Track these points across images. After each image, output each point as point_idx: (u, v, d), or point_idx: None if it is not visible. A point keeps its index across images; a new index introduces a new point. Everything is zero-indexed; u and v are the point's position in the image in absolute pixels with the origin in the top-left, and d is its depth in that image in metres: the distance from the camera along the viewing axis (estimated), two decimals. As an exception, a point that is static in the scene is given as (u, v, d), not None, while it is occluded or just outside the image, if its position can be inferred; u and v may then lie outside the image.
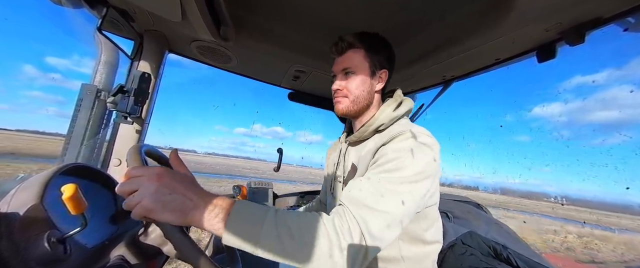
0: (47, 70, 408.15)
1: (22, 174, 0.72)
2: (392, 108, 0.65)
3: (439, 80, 1.16)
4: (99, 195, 0.62)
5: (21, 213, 0.39)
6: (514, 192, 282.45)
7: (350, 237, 0.43)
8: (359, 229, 0.43)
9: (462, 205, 1.21)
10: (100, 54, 0.90)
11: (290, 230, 0.42)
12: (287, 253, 0.40)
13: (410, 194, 0.48)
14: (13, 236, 0.36)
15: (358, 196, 0.48)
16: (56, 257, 0.39)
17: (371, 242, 0.43)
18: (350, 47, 0.67)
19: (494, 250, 0.81)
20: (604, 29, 0.68)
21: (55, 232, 0.40)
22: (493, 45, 0.82)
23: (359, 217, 0.44)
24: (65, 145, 0.85)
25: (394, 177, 0.49)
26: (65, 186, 0.37)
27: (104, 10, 0.76)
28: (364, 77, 0.66)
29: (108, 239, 0.54)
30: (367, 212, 0.45)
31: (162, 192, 0.39)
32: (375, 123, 0.64)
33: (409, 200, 0.48)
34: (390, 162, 0.52)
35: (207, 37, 0.83)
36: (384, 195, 0.47)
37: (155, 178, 0.40)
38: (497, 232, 0.91)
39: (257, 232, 0.41)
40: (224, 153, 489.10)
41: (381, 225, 0.44)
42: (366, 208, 0.45)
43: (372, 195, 0.47)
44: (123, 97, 0.86)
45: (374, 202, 0.46)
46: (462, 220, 1.05)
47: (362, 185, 0.50)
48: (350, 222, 0.44)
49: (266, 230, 0.41)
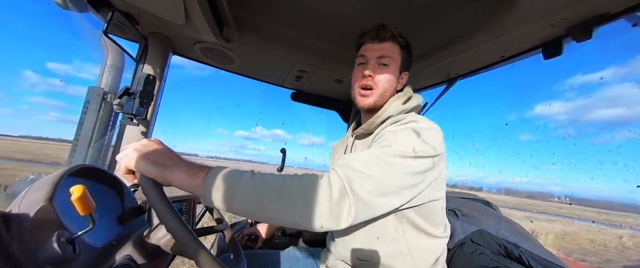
0: (50, 74, 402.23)
1: (32, 176, 0.75)
2: (401, 101, 0.64)
3: (443, 78, 1.15)
4: (106, 196, 0.62)
5: (31, 214, 0.40)
6: (519, 192, 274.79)
7: (330, 189, 0.43)
8: (341, 184, 0.43)
9: (471, 202, 1.19)
10: (106, 56, 0.91)
11: (266, 183, 0.42)
12: (263, 204, 0.41)
13: (402, 167, 0.48)
14: (24, 237, 0.37)
15: (348, 161, 0.48)
16: (66, 257, 0.39)
17: (354, 199, 0.43)
18: (392, 39, 0.65)
19: (505, 249, 0.80)
20: (612, 24, 0.66)
21: (64, 232, 0.41)
22: (498, 42, 0.80)
23: (343, 175, 0.45)
24: (73, 146, 0.86)
25: (388, 150, 0.49)
26: (74, 187, 0.38)
27: (110, 13, 0.77)
28: (395, 72, 0.66)
29: (115, 239, 0.55)
30: (351, 172, 0.45)
31: (148, 147, 0.44)
32: (384, 115, 0.63)
33: (400, 171, 0.48)
34: (387, 140, 0.52)
35: (210, 39, 0.84)
36: (373, 164, 0.47)
37: (147, 140, 0.45)
38: (507, 230, 0.89)
39: (234, 185, 0.41)
40: (227, 157, 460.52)
41: (367, 186, 0.44)
42: (351, 169, 0.45)
43: (361, 161, 0.47)
44: (129, 99, 0.87)
45: (362, 166, 0.46)
46: (471, 218, 1.03)
47: (356, 155, 0.50)
48: (332, 178, 0.44)
49: (243, 185, 0.42)
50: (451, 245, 0.88)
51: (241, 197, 0.41)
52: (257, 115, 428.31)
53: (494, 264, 0.75)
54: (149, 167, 0.41)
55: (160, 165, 0.42)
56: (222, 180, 0.42)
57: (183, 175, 0.42)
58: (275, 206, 0.42)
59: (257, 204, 0.42)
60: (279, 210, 0.42)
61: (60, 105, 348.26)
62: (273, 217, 0.42)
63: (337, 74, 1.23)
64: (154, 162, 0.42)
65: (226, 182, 0.42)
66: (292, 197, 0.42)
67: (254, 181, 0.43)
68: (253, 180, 0.43)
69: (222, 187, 0.41)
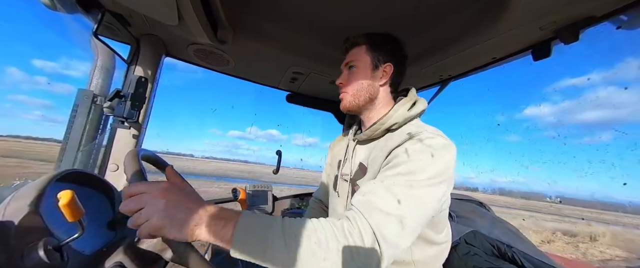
0: (40, 75, 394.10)
1: (17, 181, 0.72)
2: (406, 107, 0.63)
3: (436, 80, 1.17)
4: (97, 201, 0.61)
5: (16, 222, 0.38)
6: (513, 192, 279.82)
7: (362, 241, 0.41)
8: (372, 234, 0.42)
9: (465, 204, 1.21)
10: (96, 58, 0.89)
11: (296, 237, 0.41)
12: (295, 261, 0.39)
13: (426, 198, 0.47)
14: (8, 244, 0.36)
15: (371, 200, 0.46)
16: (53, 264, 0.38)
17: (386, 247, 0.41)
18: (354, 45, 0.69)
19: (498, 250, 0.81)
20: (598, 27, 0.69)
21: (51, 239, 0.40)
22: (489, 44, 0.82)
23: (372, 222, 0.43)
24: (62, 151, 0.84)
25: (410, 180, 0.47)
26: (61, 193, 0.37)
27: (100, 14, 0.75)
28: (365, 71, 0.67)
29: (106, 246, 0.54)
30: (380, 216, 0.43)
31: (169, 209, 0.39)
32: (388, 122, 0.62)
33: (424, 204, 0.46)
34: (405, 164, 0.49)
35: (204, 40, 0.83)
36: (399, 200, 0.45)
37: (161, 195, 0.39)
38: (501, 231, 0.91)
39: (264, 241, 0.40)
40: (223, 157, 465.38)
41: (396, 229, 0.43)
42: (379, 213, 0.44)
43: (386, 198, 0.45)
44: (120, 102, 0.85)
45: (388, 206, 0.44)
46: (465, 219, 1.04)
47: (375, 187, 0.48)
48: (362, 226, 0.42)
49: (273, 239, 0.40)
50: None
51: (272, 256, 0.39)
52: (251, 115, 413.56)
53: (487, 265, 0.76)
54: (176, 232, 0.38)
55: (188, 227, 0.39)
56: (251, 234, 0.40)
57: (212, 233, 0.39)
58: (308, 263, 0.39)
59: (291, 261, 0.39)
60: (312, 266, 0.39)
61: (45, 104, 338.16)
62: None
63: (332, 76, 1.23)
64: (180, 227, 0.38)
65: (255, 237, 0.40)
66: (326, 257, 0.39)
67: (284, 236, 0.40)
68: (283, 235, 0.40)
69: (252, 244, 0.39)
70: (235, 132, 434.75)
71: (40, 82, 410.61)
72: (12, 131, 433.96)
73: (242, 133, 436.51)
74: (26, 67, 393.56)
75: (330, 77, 1.25)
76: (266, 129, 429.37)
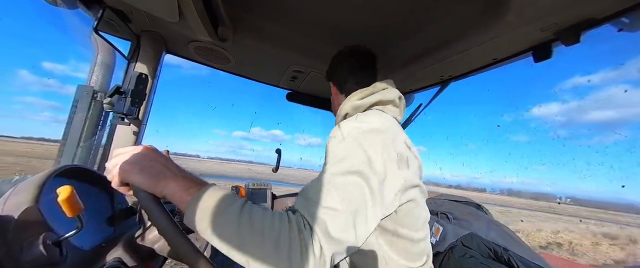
0: (42, 73, 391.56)
1: (17, 176, 0.72)
2: (356, 97, 0.63)
3: (436, 80, 1.16)
4: (96, 197, 0.61)
5: (16, 216, 0.38)
6: (522, 193, 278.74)
7: (298, 233, 0.39)
8: (309, 229, 0.40)
9: (462, 206, 1.21)
10: (96, 54, 0.89)
11: (252, 220, 0.39)
12: (241, 243, 0.37)
13: (358, 186, 0.44)
14: (7, 239, 0.36)
15: (306, 191, 0.45)
16: (52, 259, 0.38)
17: (327, 242, 0.39)
18: None
19: (495, 252, 0.81)
20: (599, 29, 0.68)
21: (51, 234, 0.40)
22: (490, 45, 0.82)
23: (308, 215, 0.41)
24: (61, 146, 0.84)
25: (338, 168, 0.45)
26: (61, 188, 0.37)
27: (100, 10, 0.75)
28: (335, 97, 0.79)
29: (105, 241, 0.54)
30: (315, 209, 0.42)
31: (142, 158, 0.41)
32: (340, 114, 0.66)
33: (359, 192, 0.44)
34: (332, 154, 0.48)
35: (204, 38, 0.83)
36: (330, 191, 0.43)
37: (140, 149, 0.42)
38: (497, 234, 0.91)
39: (219, 214, 0.38)
40: (229, 158, 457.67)
41: (335, 225, 0.40)
42: (314, 205, 0.42)
43: (319, 191, 0.43)
44: (120, 98, 0.85)
45: (320, 197, 0.42)
46: (462, 221, 1.05)
47: (313, 182, 0.47)
48: (298, 219, 0.41)
49: (228, 214, 0.38)
50: (442, 248, 0.89)
51: (221, 230, 0.38)
52: (253, 115, 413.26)
53: (483, 267, 0.76)
54: (143, 178, 0.40)
55: (155, 176, 0.40)
56: (209, 205, 0.39)
57: (176, 189, 0.40)
58: (253, 250, 0.37)
59: (236, 241, 0.38)
60: (255, 254, 0.37)
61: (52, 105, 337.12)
62: (248, 258, 0.37)
63: None
64: (148, 174, 0.40)
65: (212, 208, 0.39)
66: (275, 243, 0.37)
67: (241, 214, 0.39)
68: (239, 214, 0.39)
69: (206, 213, 0.38)
70: (239, 133, 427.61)
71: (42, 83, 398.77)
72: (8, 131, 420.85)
73: (246, 133, 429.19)
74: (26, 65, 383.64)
75: (331, 76, 1.25)
76: (270, 129, 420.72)
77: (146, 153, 0.43)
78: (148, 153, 0.43)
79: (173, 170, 0.42)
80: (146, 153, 0.43)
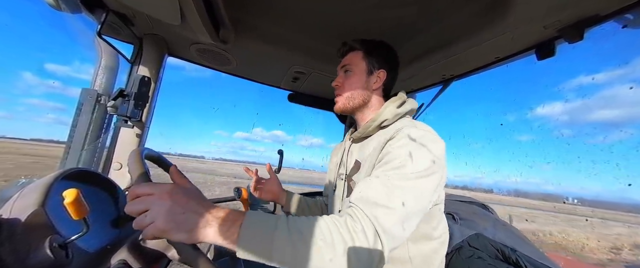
0: (46, 75, 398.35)
1: (23, 179, 0.73)
2: (395, 105, 0.66)
3: (438, 79, 1.16)
4: (101, 199, 0.62)
5: (23, 219, 0.39)
6: (529, 193, 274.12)
7: (365, 236, 0.42)
8: (373, 228, 0.43)
9: (468, 206, 1.20)
10: (100, 58, 0.90)
11: (302, 235, 0.41)
12: (302, 259, 0.40)
13: (419, 190, 0.48)
14: (15, 242, 0.36)
15: (368, 195, 0.47)
16: (58, 262, 0.39)
17: (386, 239, 0.43)
18: (351, 50, 0.73)
19: (502, 253, 0.80)
20: (603, 26, 0.68)
21: (56, 237, 0.40)
22: (492, 43, 0.81)
23: (371, 216, 0.44)
24: (66, 149, 0.85)
25: (402, 173, 0.49)
26: (66, 191, 0.37)
27: (104, 14, 0.76)
28: (360, 75, 0.71)
29: (110, 244, 0.54)
30: (377, 209, 0.45)
31: (175, 211, 0.38)
32: (379, 118, 0.65)
33: (418, 195, 0.48)
34: (397, 159, 0.52)
35: (206, 40, 0.83)
36: (395, 193, 0.47)
37: (167, 197, 0.39)
38: (504, 234, 0.90)
39: (270, 241, 0.40)
40: (231, 159, 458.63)
41: (394, 221, 0.44)
42: (376, 206, 0.45)
43: (382, 193, 0.47)
44: (123, 101, 0.86)
45: (385, 199, 0.46)
46: (468, 221, 1.03)
47: (371, 183, 0.50)
48: (363, 221, 0.44)
49: (278, 238, 0.40)
50: (449, 249, 0.88)
51: (278, 253, 0.39)
52: (255, 116, 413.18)
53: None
54: (183, 235, 0.38)
55: (193, 230, 0.39)
56: (256, 235, 0.40)
57: (217, 235, 0.39)
58: (315, 260, 0.40)
59: (297, 259, 0.40)
60: (319, 264, 0.40)
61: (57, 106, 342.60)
62: None
63: (333, 75, 1.23)
64: (186, 229, 0.38)
65: (261, 237, 0.40)
66: (331, 250, 0.40)
67: (290, 233, 0.41)
68: (289, 231, 0.41)
69: (258, 244, 0.40)
70: (240, 133, 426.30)
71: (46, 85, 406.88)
72: None
73: (248, 134, 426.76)
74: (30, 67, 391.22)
75: (332, 77, 1.25)
76: (271, 130, 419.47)
77: (175, 203, 0.39)
78: (177, 202, 0.39)
79: (206, 215, 0.40)
80: (175, 203, 0.39)
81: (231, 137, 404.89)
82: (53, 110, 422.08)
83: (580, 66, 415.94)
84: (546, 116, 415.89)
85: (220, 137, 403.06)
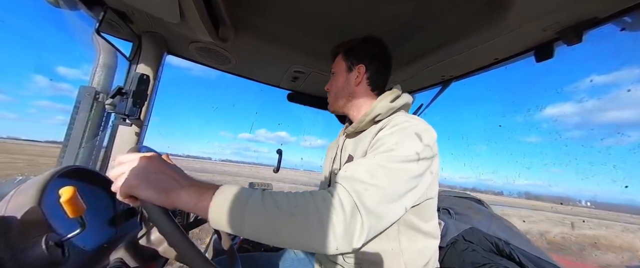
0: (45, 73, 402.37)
1: (19, 177, 0.72)
2: (388, 99, 0.67)
3: (438, 80, 1.16)
4: (98, 197, 0.61)
5: (18, 217, 0.38)
6: (541, 196, 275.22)
7: (342, 209, 0.41)
8: (351, 202, 0.42)
9: (463, 201, 1.21)
10: (98, 55, 0.89)
11: (276, 205, 0.40)
12: (275, 227, 0.39)
13: (406, 171, 0.48)
14: (10, 239, 0.36)
15: (352, 173, 0.47)
16: (54, 260, 0.38)
17: (367, 216, 0.41)
18: (335, 55, 0.78)
19: (496, 246, 0.81)
20: (602, 28, 0.68)
21: (53, 235, 0.40)
22: (491, 45, 0.82)
23: (351, 190, 0.43)
24: (64, 147, 0.84)
25: (389, 155, 0.49)
26: (63, 189, 0.37)
27: (102, 12, 0.75)
28: (341, 75, 0.75)
29: (107, 242, 0.54)
30: (359, 185, 0.44)
31: (148, 170, 0.40)
32: (373, 113, 0.65)
33: (406, 179, 0.48)
34: (385, 144, 0.52)
35: (205, 38, 0.83)
36: (378, 171, 0.46)
37: (144, 160, 0.41)
38: (498, 227, 0.91)
39: (242, 210, 0.39)
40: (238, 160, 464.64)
41: (376, 198, 0.43)
42: (359, 182, 0.44)
43: (366, 171, 0.46)
44: (121, 99, 0.85)
45: (368, 177, 0.45)
46: (463, 216, 1.05)
47: (357, 163, 0.50)
48: (342, 195, 0.43)
49: (251, 207, 0.39)
50: (444, 243, 0.89)
51: (250, 220, 0.39)
52: (257, 117, 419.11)
53: (485, 261, 0.76)
54: (152, 193, 0.39)
55: (164, 190, 0.39)
56: (230, 201, 0.39)
57: (189, 198, 0.40)
58: (288, 229, 0.39)
59: (268, 227, 0.39)
60: (292, 233, 0.39)
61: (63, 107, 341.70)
62: (285, 240, 0.39)
63: None
64: (157, 187, 0.39)
65: (234, 203, 0.39)
66: (304, 219, 0.39)
67: (264, 201, 0.40)
68: (262, 200, 0.40)
69: (230, 209, 0.39)
70: (245, 135, 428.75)
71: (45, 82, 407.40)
72: None
73: (252, 135, 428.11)
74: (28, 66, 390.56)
75: (332, 76, 1.25)
76: (275, 131, 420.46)
77: (150, 164, 0.41)
78: (152, 163, 0.41)
79: (180, 180, 0.41)
80: (150, 164, 0.41)
81: (236, 138, 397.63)
82: (53, 110, 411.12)
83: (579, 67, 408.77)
84: (551, 117, 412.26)
85: (225, 138, 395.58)
